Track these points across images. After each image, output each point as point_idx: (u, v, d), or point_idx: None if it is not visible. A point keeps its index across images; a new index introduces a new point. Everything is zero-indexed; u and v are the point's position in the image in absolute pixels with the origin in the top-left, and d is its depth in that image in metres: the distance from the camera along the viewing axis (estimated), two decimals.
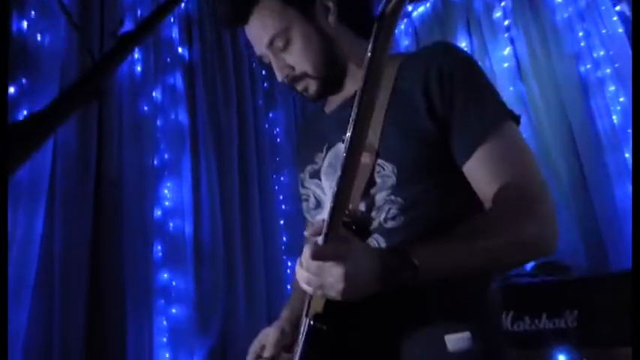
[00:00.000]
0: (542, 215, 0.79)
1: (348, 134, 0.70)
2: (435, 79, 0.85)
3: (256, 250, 2.24)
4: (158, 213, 1.99)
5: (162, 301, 1.88)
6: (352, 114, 0.70)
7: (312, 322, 0.75)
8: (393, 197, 0.84)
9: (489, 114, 0.83)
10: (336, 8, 0.96)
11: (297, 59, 0.94)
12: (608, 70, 2.12)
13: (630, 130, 2.04)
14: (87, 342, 1.61)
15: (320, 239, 0.72)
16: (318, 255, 0.69)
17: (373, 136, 0.84)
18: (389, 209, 0.84)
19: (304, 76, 0.95)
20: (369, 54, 0.69)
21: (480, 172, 0.81)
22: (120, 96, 1.97)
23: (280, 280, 2.28)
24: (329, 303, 0.73)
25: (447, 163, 0.84)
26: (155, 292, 1.86)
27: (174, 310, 1.90)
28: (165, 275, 1.92)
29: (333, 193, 0.71)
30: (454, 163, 0.84)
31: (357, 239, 0.75)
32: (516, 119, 0.86)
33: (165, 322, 1.86)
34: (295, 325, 0.95)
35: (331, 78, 0.96)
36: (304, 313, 0.79)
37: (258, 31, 0.94)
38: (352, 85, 0.98)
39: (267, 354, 0.94)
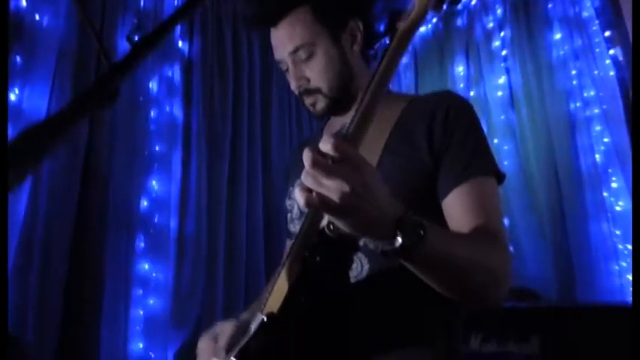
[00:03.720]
0: (508, 252, 0.83)
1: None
2: (441, 121, 0.89)
3: (239, 248, 2.26)
4: (144, 204, 1.99)
5: (141, 291, 1.88)
6: (347, 128, 0.67)
7: (264, 319, 0.72)
8: None
9: (478, 163, 0.88)
10: (362, 40, 1.00)
11: (315, 75, 0.96)
12: (596, 110, 2.18)
13: (611, 170, 2.12)
14: (61, 327, 1.61)
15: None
16: (341, 147, 0.57)
17: (370, 160, 0.86)
18: None
19: (317, 92, 0.97)
20: (376, 70, 0.68)
21: (455, 209, 0.85)
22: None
23: (260, 281, 2.30)
24: (287, 304, 0.70)
25: (432, 198, 0.88)
26: (134, 281, 1.86)
27: (151, 301, 1.90)
28: (146, 266, 1.92)
29: None
30: (437, 200, 0.88)
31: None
32: (500, 178, 0.90)
33: (141, 312, 1.86)
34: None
35: (341, 101, 1.00)
36: (260, 310, 0.77)
37: (286, 37, 0.96)
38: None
39: (222, 343, 0.84)
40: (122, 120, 1.95)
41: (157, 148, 2.11)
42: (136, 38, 0.67)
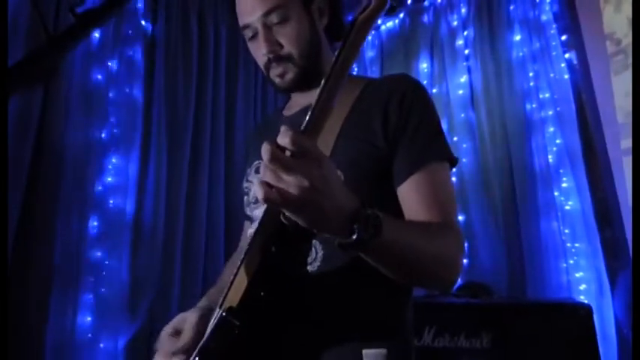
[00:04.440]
0: (461, 240, 0.84)
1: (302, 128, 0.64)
2: (396, 103, 0.89)
3: (197, 236, 2.21)
4: (99, 188, 1.92)
5: (92, 279, 1.82)
6: (309, 113, 0.65)
7: (224, 314, 0.70)
8: None
9: (433, 149, 0.89)
10: (327, 16, 0.99)
11: (288, 39, 0.93)
12: (550, 112, 2.27)
13: (562, 170, 2.20)
14: (4, 314, 1.53)
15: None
16: (299, 142, 0.57)
17: (324, 146, 0.85)
18: None
19: (288, 59, 0.94)
20: (334, 59, 0.66)
21: (410, 196, 0.86)
22: (72, 61, 1.88)
23: (218, 269, 2.27)
24: (246, 298, 0.69)
25: (387, 183, 0.89)
26: (85, 268, 1.79)
27: (103, 289, 1.84)
28: (99, 253, 1.86)
29: None
30: (392, 185, 0.89)
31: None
32: (453, 162, 0.92)
33: (92, 301, 1.80)
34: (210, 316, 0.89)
35: (309, 72, 0.96)
36: (218, 304, 0.75)
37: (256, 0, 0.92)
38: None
39: (184, 339, 0.83)
40: (78, 99, 1.87)
41: (114, 131, 2.03)
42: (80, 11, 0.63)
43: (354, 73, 2.45)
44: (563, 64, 2.27)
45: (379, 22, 2.93)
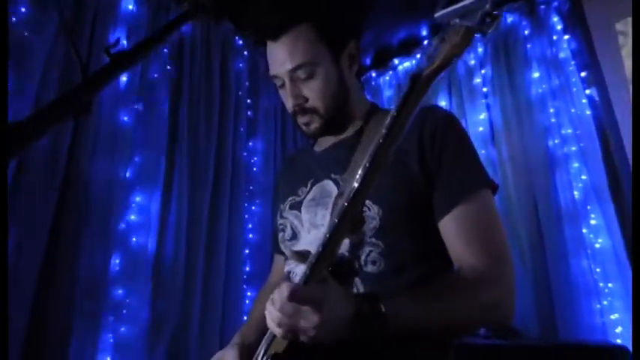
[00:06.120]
0: (506, 283, 0.82)
1: (355, 185, 0.67)
2: (430, 135, 0.90)
3: (217, 275, 2.20)
4: (122, 225, 1.95)
5: (112, 318, 1.81)
6: (363, 167, 0.67)
7: None
8: (374, 240, 0.86)
9: (471, 178, 0.88)
10: (359, 59, 1.01)
11: (313, 94, 0.95)
12: (573, 148, 2.24)
13: (589, 207, 2.14)
14: (25, 353, 1.52)
15: (299, 279, 0.71)
16: (296, 296, 0.65)
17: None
18: (370, 252, 0.86)
19: (313, 111, 0.96)
20: (395, 112, 0.67)
21: (454, 231, 0.84)
22: (100, 101, 1.95)
23: (237, 309, 2.24)
24: (292, 345, 0.71)
25: (427, 216, 0.88)
26: (107, 307, 1.79)
27: (123, 329, 1.82)
28: (120, 291, 1.85)
29: (325, 239, 0.68)
30: (433, 217, 0.87)
31: (336, 283, 0.72)
32: (494, 188, 0.91)
33: (111, 340, 1.78)
34: (247, 354, 0.92)
35: (336, 122, 0.99)
36: (261, 350, 0.76)
37: (286, 53, 0.93)
38: (350, 130, 1.02)
39: None
40: (105, 138, 1.92)
41: (139, 170, 2.07)
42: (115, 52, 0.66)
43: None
44: (584, 100, 2.26)
45: (395, 62, 3.00)
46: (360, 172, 0.67)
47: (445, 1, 0.62)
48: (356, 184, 0.67)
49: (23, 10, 1.75)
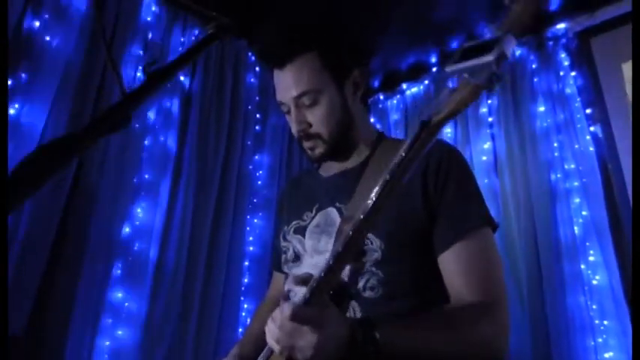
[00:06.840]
0: (500, 320, 0.84)
1: (361, 216, 0.69)
2: (434, 170, 0.92)
3: (216, 285, 2.21)
4: (126, 231, 1.95)
5: (110, 320, 1.80)
6: (371, 199, 0.68)
7: None
8: (374, 269, 0.88)
9: (473, 216, 0.90)
10: (364, 85, 1.03)
11: (317, 121, 0.97)
12: (575, 183, 2.26)
13: (588, 243, 2.16)
14: (4, 314, 1.52)
15: (299, 299, 0.73)
16: (297, 316, 0.69)
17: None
18: (368, 279, 0.88)
19: (317, 137, 0.99)
20: (403, 153, 0.68)
21: (453, 267, 0.86)
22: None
23: (234, 319, 2.24)
24: None
25: (427, 249, 0.89)
26: (105, 310, 1.79)
27: (120, 332, 1.82)
28: (119, 295, 1.86)
29: (327, 265, 0.71)
30: (433, 251, 0.89)
31: (334, 306, 0.75)
32: (494, 226, 0.93)
33: (107, 343, 1.77)
34: None
35: (340, 147, 1.01)
36: None
37: (292, 81, 0.96)
38: (355, 158, 1.05)
39: None
40: (115, 145, 1.95)
41: (146, 176, 2.10)
42: (150, 70, 0.69)
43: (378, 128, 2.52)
44: (588, 137, 2.29)
45: (404, 87, 3.04)
46: (367, 202, 0.69)
47: (458, 55, 0.64)
48: (361, 215, 0.69)
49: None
